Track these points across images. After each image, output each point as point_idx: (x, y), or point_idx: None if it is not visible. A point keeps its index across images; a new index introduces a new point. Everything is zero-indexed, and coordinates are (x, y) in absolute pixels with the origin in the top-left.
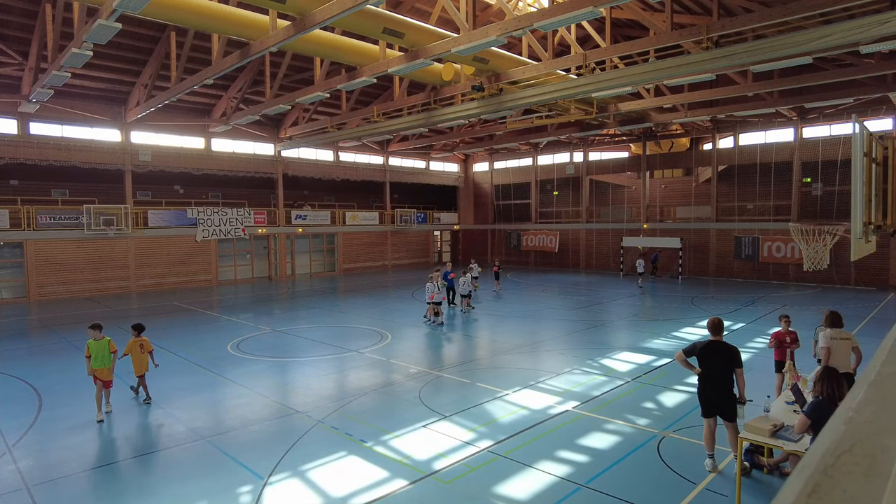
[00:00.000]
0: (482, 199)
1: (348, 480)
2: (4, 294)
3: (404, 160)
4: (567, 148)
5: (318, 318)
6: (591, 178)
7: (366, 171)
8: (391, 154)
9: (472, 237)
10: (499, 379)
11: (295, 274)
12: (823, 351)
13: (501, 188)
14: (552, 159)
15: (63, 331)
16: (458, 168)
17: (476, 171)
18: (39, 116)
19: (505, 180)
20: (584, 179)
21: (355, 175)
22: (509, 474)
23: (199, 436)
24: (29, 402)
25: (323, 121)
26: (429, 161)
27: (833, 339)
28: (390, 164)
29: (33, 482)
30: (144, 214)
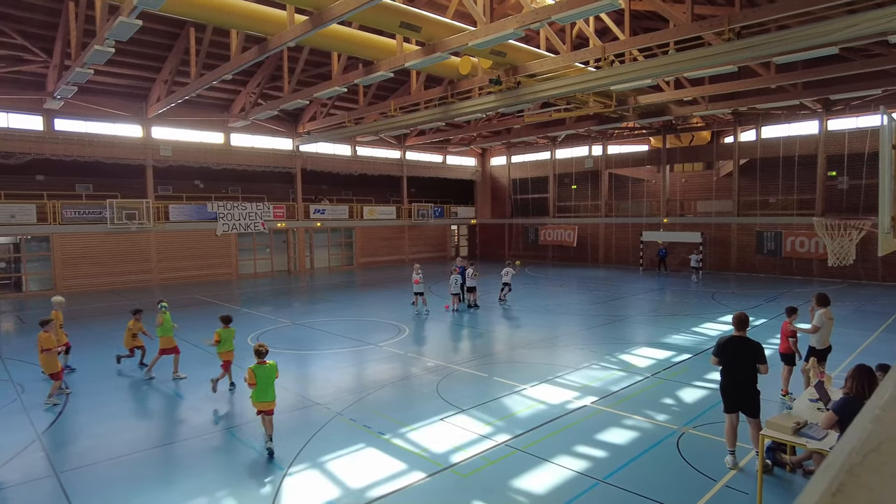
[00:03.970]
0: (499, 193)
1: (367, 472)
2: (33, 286)
3: (421, 154)
4: (586, 141)
5: (336, 311)
6: (610, 172)
7: (383, 166)
8: (408, 148)
9: (489, 231)
10: (516, 373)
11: (314, 268)
12: (813, 329)
13: (519, 182)
14: (571, 153)
15: (89, 322)
16: (476, 162)
17: (493, 165)
18: (64, 113)
19: (523, 174)
20: (602, 173)
21: (373, 169)
22: (527, 468)
23: (220, 426)
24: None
25: (340, 115)
26: (446, 155)
27: (829, 318)
28: (407, 159)
29: (61, 469)
30: (166, 209)
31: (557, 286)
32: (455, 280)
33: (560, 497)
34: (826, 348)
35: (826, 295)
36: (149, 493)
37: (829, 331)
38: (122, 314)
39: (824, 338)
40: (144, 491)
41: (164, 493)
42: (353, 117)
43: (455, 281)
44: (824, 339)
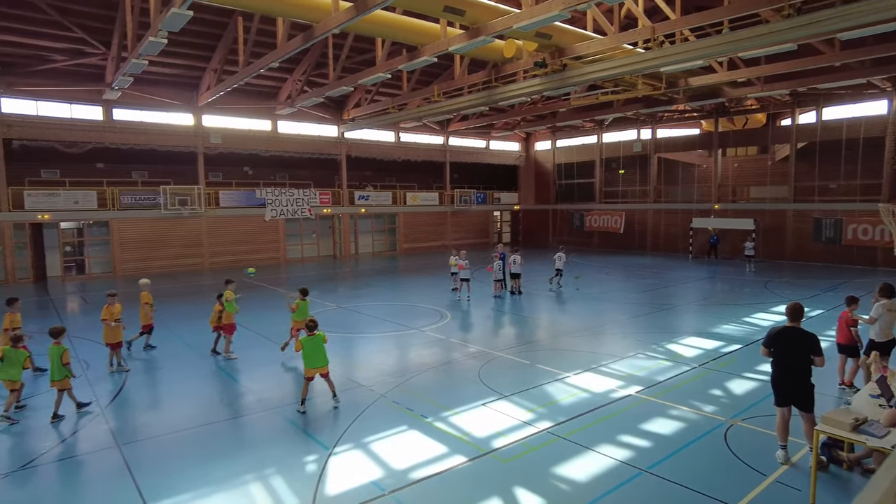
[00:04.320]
0: (544, 178)
1: (409, 454)
2: (95, 269)
3: (464, 140)
4: (634, 125)
5: (380, 296)
6: (659, 157)
7: (426, 152)
8: (451, 134)
9: (532, 217)
10: (559, 361)
11: (358, 253)
12: (870, 320)
13: (564, 167)
14: (618, 137)
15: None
16: (519, 147)
17: (538, 150)
18: (121, 103)
19: (568, 159)
20: (651, 157)
21: (416, 155)
22: (569, 456)
23: (268, 406)
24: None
25: (384, 102)
26: (489, 140)
27: (889, 310)
28: (450, 144)
29: (123, 441)
30: (216, 195)
31: (603, 274)
32: (498, 266)
33: (602, 485)
34: (889, 341)
35: (891, 286)
36: (202, 466)
37: (890, 323)
38: (175, 296)
39: (885, 330)
40: (198, 464)
41: (217, 467)
42: (397, 103)
43: (498, 266)
44: (885, 331)
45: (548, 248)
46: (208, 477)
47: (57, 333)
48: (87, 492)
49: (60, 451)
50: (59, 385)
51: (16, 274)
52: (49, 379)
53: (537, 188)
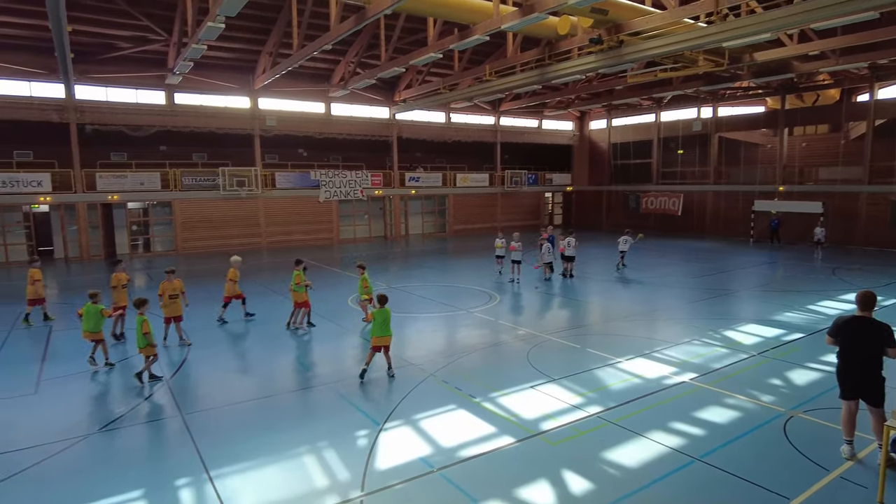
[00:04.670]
0: (598, 158)
1: (458, 432)
2: (158, 247)
3: (516, 119)
4: (694, 103)
5: (429, 276)
6: (720, 136)
7: (477, 132)
8: (503, 114)
9: (586, 199)
10: (611, 346)
11: (408, 234)
12: None
13: (620, 147)
14: (677, 115)
15: (204, 281)
16: (573, 126)
17: (592, 129)
18: (182, 88)
19: (624, 138)
20: (712, 137)
21: (466, 136)
22: (618, 441)
23: (321, 381)
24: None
25: (435, 82)
26: (541, 120)
27: None
28: (501, 124)
29: (186, 410)
30: (272, 176)
31: (658, 257)
32: (547, 248)
33: (652, 472)
34: None
35: None
36: (260, 436)
37: None
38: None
39: None
40: (256, 435)
41: (273, 438)
42: (448, 83)
43: (547, 249)
44: None
45: (601, 231)
46: (265, 447)
47: (139, 304)
48: (154, 456)
49: (132, 417)
50: (144, 352)
51: (89, 251)
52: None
53: (591, 169)
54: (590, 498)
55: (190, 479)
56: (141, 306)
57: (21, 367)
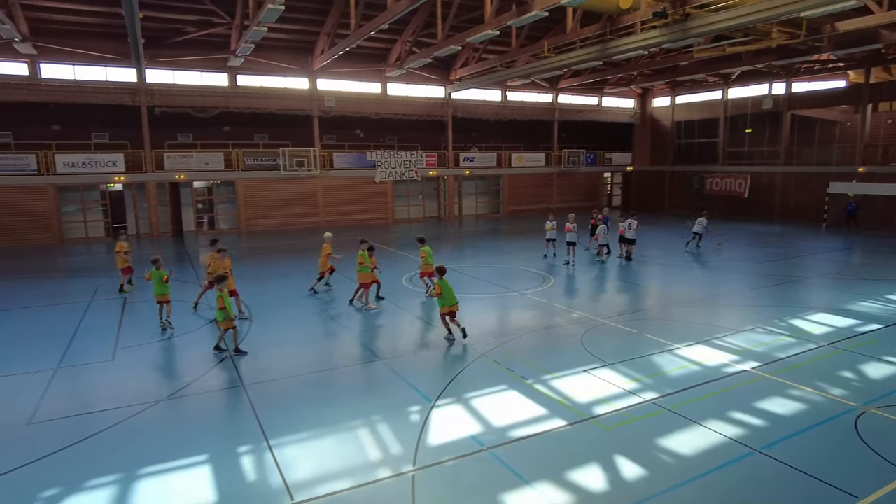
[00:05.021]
0: (660, 137)
1: (508, 413)
2: (222, 225)
3: (574, 97)
4: (765, 78)
5: (482, 258)
6: (793, 113)
7: (533, 111)
8: (561, 91)
9: (646, 179)
10: (669, 331)
11: (461, 215)
12: None
13: (684, 125)
14: (746, 92)
15: (267, 258)
16: (635, 104)
17: (655, 107)
18: (244, 70)
19: (688, 116)
20: (784, 114)
21: (522, 115)
22: (674, 428)
23: (376, 357)
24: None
25: (492, 60)
26: (601, 97)
27: None
28: (559, 102)
29: (247, 382)
30: (330, 157)
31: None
32: (602, 229)
33: (709, 461)
34: None
35: None
36: (317, 408)
37: None
38: (296, 252)
39: None
40: (313, 406)
41: (329, 410)
42: (505, 61)
43: (603, 230)
44: None
45: (662, 213)
46: (321, 419)
47: (219, 280)
48: (218, 423)
49: (198, 385)
50: (222, 325)
51: (159, 228)
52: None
53: (653, 148)
54: (642, 484)
55: (251, 446)
56: (220, 282)
57: (100, 336)
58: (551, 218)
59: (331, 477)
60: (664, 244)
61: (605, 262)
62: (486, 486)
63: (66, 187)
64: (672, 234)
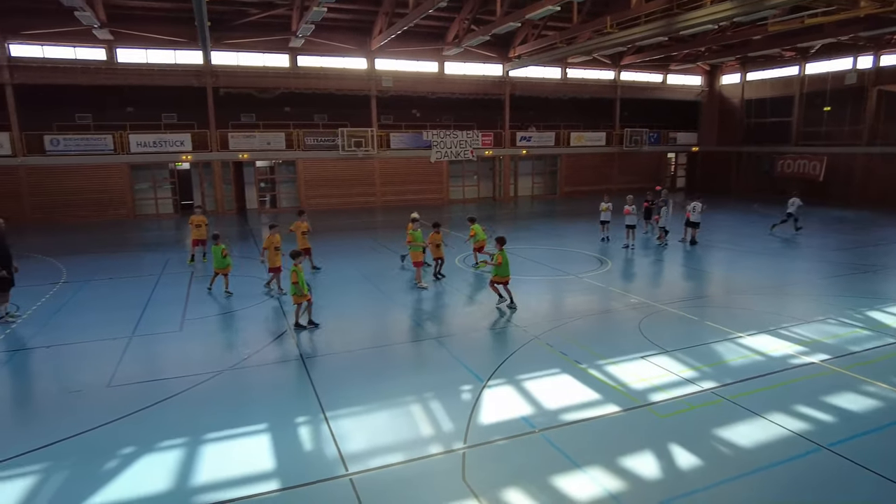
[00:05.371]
0: (729, 116)
1: (561, 396)
2: (283, 203)
3: (638, 74)
4: (849, 51)
5: (537, 239)
6: (879, 89)
7: (594, 88)
8: (623, 68)
9: (712, 160)
10: (732, 319)
11: (517, 195)
12: None
13: (755, 103)
14: (826, 67)
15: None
16: (702, 81)
17: (723, 84)
18: (304, 50)
19: (760, 94)
20: (869, 91)
21: (582, 92)
22: (733, 419)
23: (429, 335)
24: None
25: (552, 36)
26: (666, 74)
27: None
28: (622, 80)
29: (306, 354)
30: (387, 137)
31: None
32: (665, 212)
33: (770, 455)
34: None
35: None
36: (371, 383)
37: None
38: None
39: None
40: (368, 381)
41: (383, 385)
42: (565, 37)
43: (665, 213)
44: None
45: (728, 196)
46: (375, 393)
47: (294, 256)
48: (277, 394)
49: (259, 357)
50: (295, 300)
51: (224, 205)
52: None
53: (721, 127)
54: (698, 474)
55: (308, 417)
56: (295, 258)
57: (169, 308)
58: (606, 199)
59: (383, 450)
60: (729, 228)
61: (666, 245)
62: (537, 467)
63: (139, 166)
64: (738, 218)
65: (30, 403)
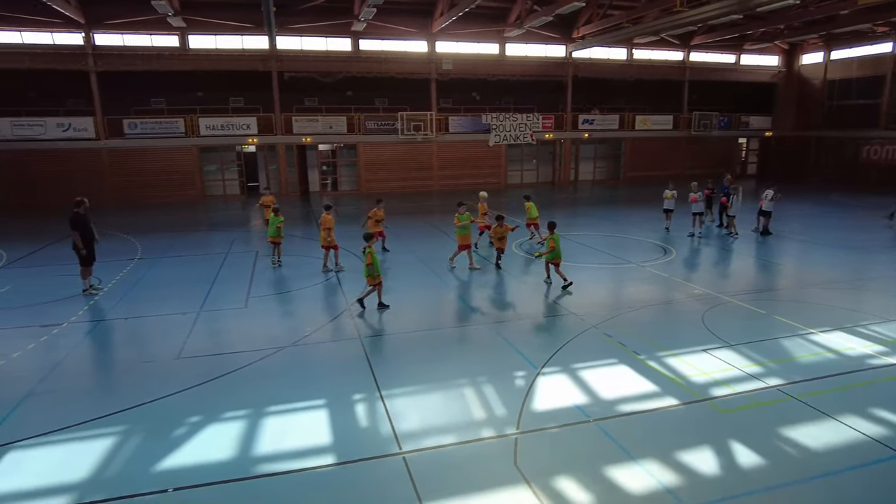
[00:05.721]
0: (808, 98)
1: (617, 387)
2: (344, 186)
3: (708, 54)
4: None
5: (598, 226)
6: None
7: (661, 70)
8: (693, 48)
9: (788, 145)
10: (803, 314)
11: (577, 180)
12: None
13: (838, 84)
14: None
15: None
16: (779, 61)
17: (804, 65)
18: (365, 34)
19: (844, 74)
20: None
21: (649, 74)
22: (801, 419)
23: (486, 321)
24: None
25: (618, 16)
26: (740, 54)
27: None
28: (691, 60)
29: (364, 334)
30: (446, 121)
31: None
32: (735, 200)
33: (843, 459)
34: None
35: None
36: (426, 365)
37: None
38: (410, 214)
39: None
40: (423, 362)
41: (438, 367)
42: (632, 17)
43: (735, 201)
44: None
45: (805, 184)
46: (430, 375)
47: (367, 238)
48: (336, 371)
49: (319, 335)
50: (371, 281)
51: (288, 188)
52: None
53: (799, 111)
54: (759, 474)
55: (364, 395)
56: (368, 240)
57: (235, 285)
58: (671, 186)
59: (436, 431)
60: (804, 218)
61: (735, 235)
62: (590, 456)
63: (208, 148)
64: (815, 208)
65: (109, 371)
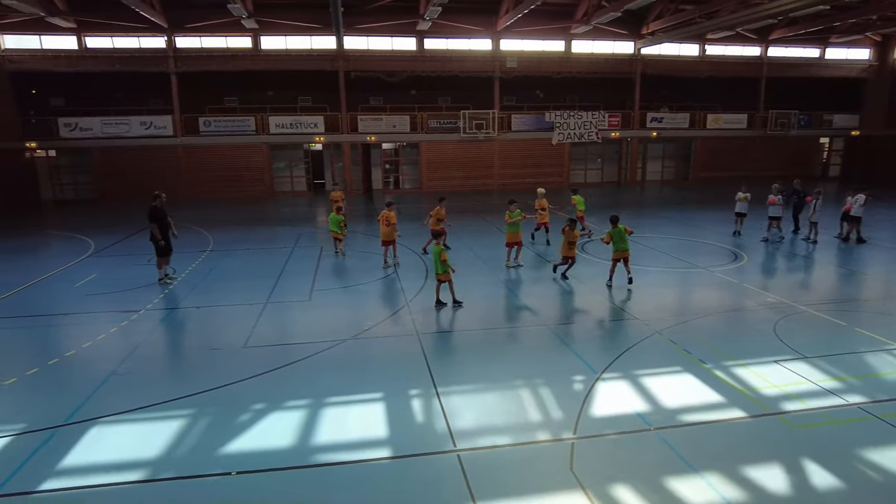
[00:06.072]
0: None
1: (681, 395)
2: (406, 185)
3: (789, 49)
4: None
5: (665, 228)
6: None
7: (736, 66)
8: (772, 43)
9: (878, 146)
10: (889, 327)
11: (644, 180)
12: None
13: None
14: None
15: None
16: (870, 54)
17: None
18: (430, 33)
19: None
20: None
21: (722, 71)
22: (885, 441)
23: (544, 322)
24: (420, 270)
25: (690, 11)
26: (824, 48)
27: None
28: (769, 56)
29: (421, 330)
30: (508, 119)
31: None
32: (817, 205)
33: None
34: None
35: None
36: (483, 364)
37: None
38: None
39: None
40: (479, 362)
41: (494, 367)
42: (705, 11)
43: (817, 206)
44: None
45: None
46: (486, 374)
47: (436, 235)
48: (394, 366)
49: (378, 329)
50: (440, 278)
51: (352, 186)
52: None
53: (891, 108)
54: (835, 497)
55: (421, 391)
56: (438, 237)
57: (300, 279)
58: (745, 189)
59: (492, 431)
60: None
61: (815, 242)
62: (649, 466)
63: (276, 146)
64: None
65: (181, 356)
